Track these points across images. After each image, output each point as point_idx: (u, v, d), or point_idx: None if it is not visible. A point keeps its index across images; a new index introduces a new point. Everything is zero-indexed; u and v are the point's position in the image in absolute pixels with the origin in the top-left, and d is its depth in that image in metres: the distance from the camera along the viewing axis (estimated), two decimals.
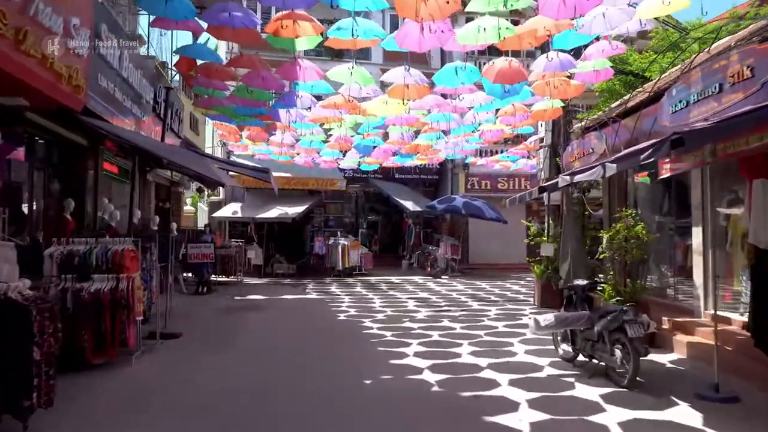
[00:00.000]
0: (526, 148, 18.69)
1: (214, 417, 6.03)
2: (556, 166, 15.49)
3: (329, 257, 22.27)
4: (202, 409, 6.29)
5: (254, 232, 23.61)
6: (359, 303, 15.07)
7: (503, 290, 18.41)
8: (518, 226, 25.35)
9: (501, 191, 25.91)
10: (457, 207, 22.04)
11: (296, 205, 22.70)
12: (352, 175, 25.48)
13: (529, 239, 16.13)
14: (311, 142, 17.40)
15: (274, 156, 20.34)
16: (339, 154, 19.31)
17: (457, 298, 16.49)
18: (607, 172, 6.89)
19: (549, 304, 14.39)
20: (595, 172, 7.26)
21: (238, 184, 23.31)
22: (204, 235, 17.15)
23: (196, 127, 19.47)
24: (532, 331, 7.95)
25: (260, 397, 6.73)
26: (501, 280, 21.50)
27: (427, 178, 27.12)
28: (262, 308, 14.12)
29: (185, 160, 10.12)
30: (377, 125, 14.34)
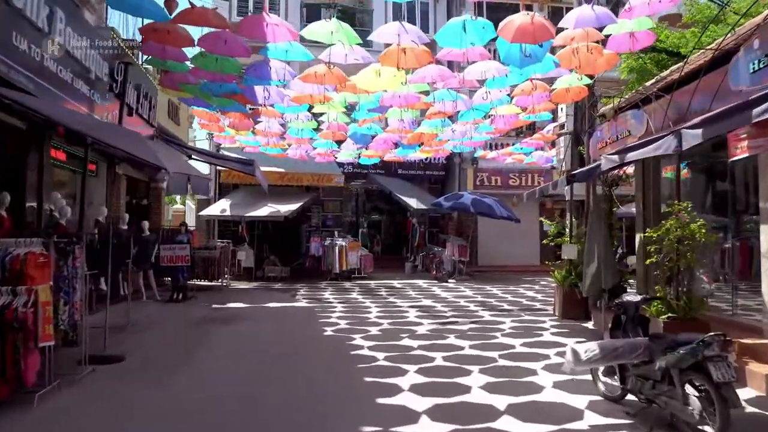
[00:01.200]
0: (543, 138, 16.56)
1: None
2: (579, 156, 13.38)
3: (325, 259, 20.21)
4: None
5: (246, 231, 21.59)
6: (353, 313, 13.00)
7: (517, 296, 16.30)
8: (531, 225, 23.29)
9: (512, 188, 23.79)
10: (466, 204, 19.95)
11: (290, 203, 20.65)
12: (351, 171, 23.41)
13: (548, 239, 14.00)
14: (301, 131, 15.35)
15: (264, 149, 18.31)
16: (334, 146, 17.25)
17: (465, 306, 14.38)
18: (686, 143, 4.79)
19: (572, 314, 12.33)
20: (662, 145, 5.17)
21: (227, 179, 21.39)
22: (179, 234, 15.12)
23: (176, 116, 17.48)
24: (570, 367, 5.80)
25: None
26: (513, 284, 19.36)
27: (433, 174, 24.99)
28: (239, 319, 12.07)
29: (117, 139, 8.05)
30: (372, 107, 12.23)
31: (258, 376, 7.66)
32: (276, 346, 9.57)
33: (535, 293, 17.13)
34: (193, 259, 15.60)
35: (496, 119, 14.45)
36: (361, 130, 14.78)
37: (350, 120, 14.55)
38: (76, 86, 9.73)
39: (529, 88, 11.23)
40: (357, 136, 15.52)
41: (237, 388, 6.99)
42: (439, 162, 24.40)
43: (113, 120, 11.54)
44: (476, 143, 17.91)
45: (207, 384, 7.24)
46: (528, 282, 20.11)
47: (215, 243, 18.65)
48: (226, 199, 21.59)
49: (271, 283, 19.30)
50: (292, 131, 15.42)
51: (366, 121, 14.05)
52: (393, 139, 16.12)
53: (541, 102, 12.14)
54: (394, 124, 14.28)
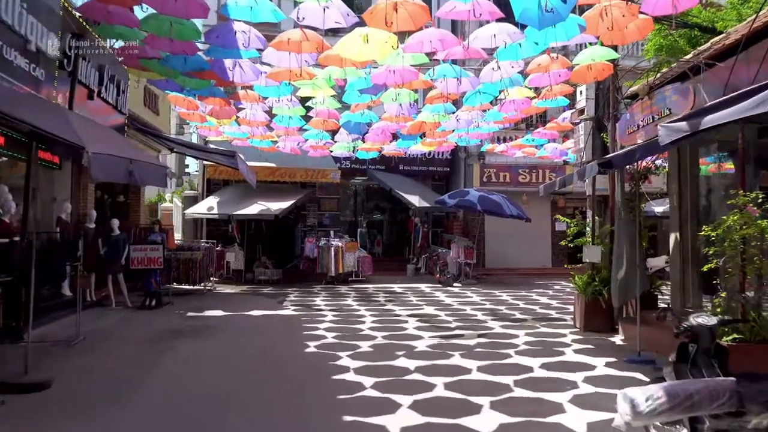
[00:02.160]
0: (558, 128, 14.84)
1: None
2: (602, 145, 11.69)
3: (320, 261, 18.55)
4: None
5: (236, 231, 19.97)
6: (343, 323, 11.35)
7: (529, 303, 14.60)
8: (542, 225, 21.60)
9: (522, 184, 22.09)
10: (472, 202, 18.24)
11: (283, 200, 19.00)
12: (349, 167, 21.74)
13: (567, 240, 12.30)
14: (289, 119, 13.70)
15: (253, 141, 16.69)
16: (327, 137, 15.59)
17: (472, 315, 12.71)
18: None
19: (595, 326, 10.65)
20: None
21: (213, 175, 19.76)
22: (151, 234, 13.48)
23: (154, 105, 15.86)
24: (627, 420, 4.05)
25: None
26: (524, 289, 17.65)
27: (436, 171, 23.29)
28: (211, 332, 10.43)
29: (17, 109, 6.35)
30: (364, 88, 10.54)
31: (212, 410, 6.00)
32: (241, 370, 7.89)
33: (549, 299, 15.42)
34: (169, 261, 14.00)
35: (505, 104, 12.78)
36: (354, 117, 13.11)
37: (341, 106, 12.87)
38: (9, 56, 8.10)
39: (546, 63, 9.54)
40: (351, 125, 13.85)
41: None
42: (443, 157, 22.71)
43: (63, 103, 9.91)
44: (483, 135, 16.22)
45: (137, 424, 5.59)
46: (540, 287, 18.39)
47: (199, 243, 17.05)
48: (215, 196, 19.97)
49: (260, 286, 17.65)
50: (279, 120, 13.78)
51: (359, 107, 12.37)
52: (391, 129, 14.45)
53: (558, 81, 10.44)
54: (392, 110, 12.61)
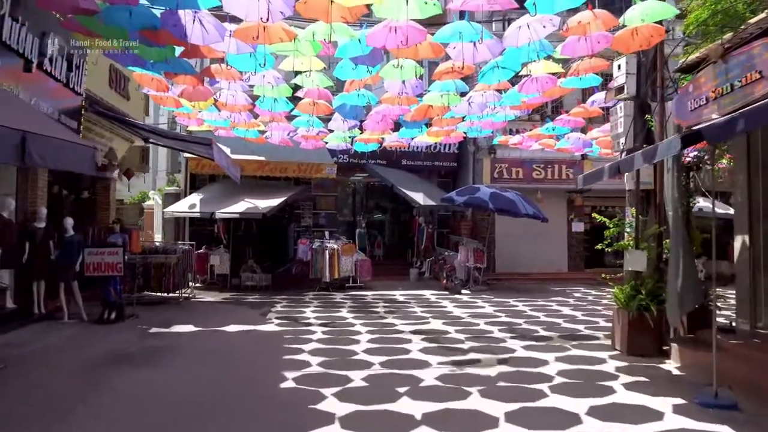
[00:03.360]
0: (584, 113, 12.77)
1: None
2: (645, 129, 9.67)
3: (313, 265, 16.55)
4: None
5: (223, 232, 17.98)
6: (334, 343, 9.35)
7: (551, 315, 12.59)
8: (557, 225, 19.55)
9: (536, 181, 20.06)
10: (483, 200, 16.23)
11: (273, 198, 17.01)
12: (346, 161, 19.72)
13: (604, 244, 10.23)
14: (274, 102, 11.68)
15: (239, 131, 14.66)
16: (319, 124, 13.54)
17: (487, 331, 10.70)
18: None
19: (641, 349, 8.68)
20: None
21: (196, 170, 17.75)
22: (110, 235, 11.50)
23: (123, 88, 13.85)
24: None
25: None
26: (541, 296, 15.64)
27: (442, 166, 21.19)
28: (168, 356, 8.43)
29: None
30: (358, 56, 8.46)
31: None
32: (181, 419, 5.88)
33: (572, 310, 13.40)
34: (133, 266, 12.02)
35: (526, 84, 10.76)
36: (350, 98, 11.08)
37: (333, 84, 10.82)
38: None
39: (588, 20, 7.51)
40: (346, 108, 11.81)
41: None
42: (450, 151, 20.66)
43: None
44: (496, 125, 14.19)
45: None
46: (558, 294, 16.38)
47: (176, 246, 15.05)
48: (198, 193, 17.99)
49: (246, 294, 15.63)
50: (263, 103, 11.76)
51: (354, 85, 10.33)
52: (393, 114, 12.41)
53: (596, 50, 8.41)
54: (393, 88, 10.57)
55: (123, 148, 15.01)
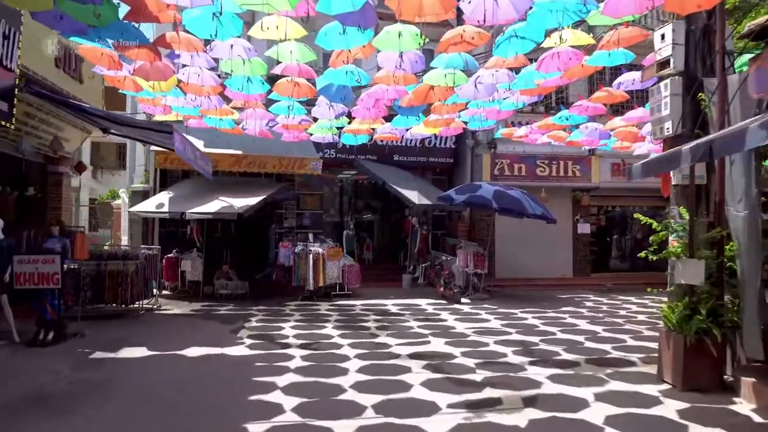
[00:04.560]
0: (607, 98, 10.93)
1: None
2: (696, 110, 7.89)
3: (295, 271, 14.65)
4: None
5: (197, 234, 16.05)
6: (315, 374, 7.48)
7: (567, 331, 10.80)
8: (562, 227, 17.69)
9: (540, 178, 18.26)
10: (485, 198, 14.41)
11: (251, 196, 15.09)
12: (333, 156, 17.83)
13: (649, 251, 8.37)
14: (248, 83, 9.79)
15: (210, 121, 12.78)
16: (301, 110, 11.66)
17: (500, 354, 8.87)
18: None
19: (701, 383, 6.88)
20: None
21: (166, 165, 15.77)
22: (48, 239, 9.55)
23: (73, 68, 11.87)
24: None
25: None
26: (550, 306, 13.86)
27: (438, 162, 19.28)
28: (106, 393, 6.54)
29: None
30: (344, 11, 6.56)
31: None
32: None
33: (590, 324, 11.62)
34: (78, 276, 10.08)
35: (546, 60, 8.98)
36: (337, 77, 9.21)
37: (316, 59, 8.94)
38: None
39: None
40: (332, 90, 9.94)
41: None
42: (447, 146, 18.80)
43: None
44: (503, 114, 12.39)
45: None
46: (567, 303, 14.61)
47: (138, 250, 13.11)
48: (169, 190, 16.00)
49: (219, 304, 13.70)
50: (233, 83, 9.87)
51: (342, 58, 8.45)
52: (387, 98, 10.55)
53: (647, 6, 6.63)
54: (389, 63, 8.71)
55: (77, 138, 13.03)
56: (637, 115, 11.55)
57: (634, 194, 19.41)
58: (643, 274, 19.54)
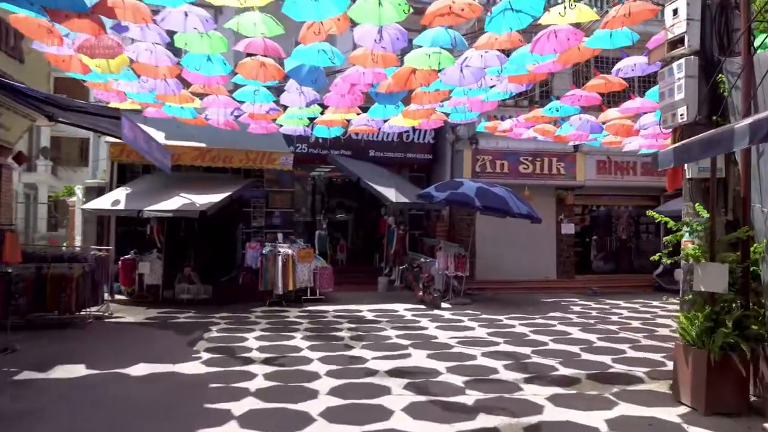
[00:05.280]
0: (604, 86, 9.93)
1: None
2: (713, 93, 6.94)
3: (263, 274, 13.48)
4: None
5: (157, 234, 14.75)
6: (278, 398, 6.35)
7: (560, 339, 9.83)
8: (545, 227, 16.69)
9: (523, 176, 17.30)
10: (468, 196, 13.42)
11: (216, 192, 13.86)
12: (305, 151, 16.67)
13: (664, 253, 7.37)
14: (207, 63, 8.61)
15: (170, 110, 11.57)
16: (269, 97, 10.50)
17: (490, 369, 7.83)
18: None
19: (727, 406, 5.92)
20: None
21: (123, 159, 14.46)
22: None
23: (15, 48, 10.59)
24: None
25: None
26: (535, 311, 12.94)
27: (416, 158, 18.17)
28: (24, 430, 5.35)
29: None
30: None
31: None
32: None
33: (582, 332, 10.66)
34: (9, 281, 8.80)
35: (541, 40, 7.98)
36: (308, 56, 8.09)
37: (284, 32, 7.81)
38: None
39: None
40: (303, 72, 8.79)
41: None
42: (425, 141, 17.75)
43: None
44: (488, 105, 11.38)
45: None
46: (553, 308, 13.68)
47: (87, 252, 11.83)
48: (126, 186, 14.69)
49: (179, 310, 12.43)
50: (190, 62, 8.67)
51: (313, 31, 7.32)
52: (363, 83, 9.43)
53: None
54: (366, 40, 7.62)
55: (19, 126, 11.69)
56: (635, 106, 10.60)
57: (619, 193, 18.64)
58: (629, 276, 18.88)
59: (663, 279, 17.26)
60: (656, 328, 11.26)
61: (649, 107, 10.59)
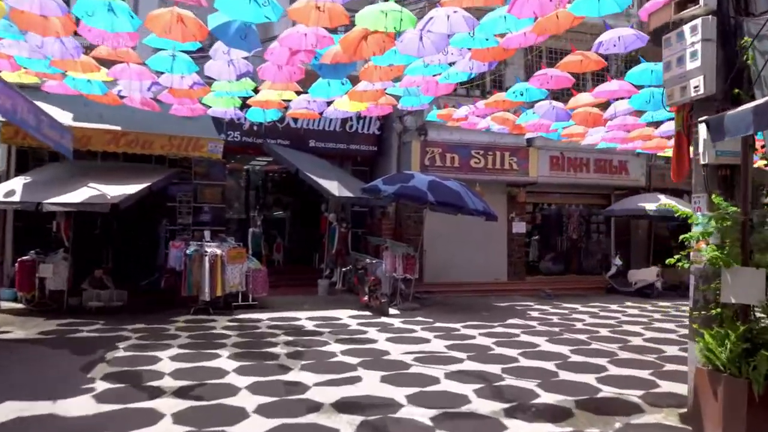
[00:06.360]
0: (581, 65, 8.48)
1: None
2: (728, 59, 5.62)
3: (187, 278, 11.56)
4: None
5: (64, 231, 12.57)
6: None
7: (529, 353, 8.43)
8: (496, 225, 15.15)
9: (475, 171, 15.90)
10: (420, 190, 11.93)
11: (132, 183, 11.82)
12: (238, 139, 14.74)
13: (683, 255, 5.93)
14: (108, 13, 6.71)
15: (74, 82, 9.53)
16: (192, 67, 8.64)
17: (459, 395, 6.29)
18: None
19: None
20: None
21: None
22: None
23: None
24: None
25: None
26: (492, 317, 11.61)
27: (360, 151, 16.40)
28: None
29: None
30: None
31: None
32: None
33: (550, 342, 9.33)
34: None
35: (517, 2, 6.51)
36: (235, 8, 6.33)
37: None
38: None
39: None
40: (230, 30, 7.00)
41: None
42: (370, 131, 16.09)
43: None
44: (442, 89, 9.86)
45: None
46: (510, 313, 12.38)
47: None
48: (27, 175, 12.41)
49: (87, 320, 10.34)
50: (81, 6, 6.75)
51: None
52: (305, 49, 7.73)
53: None
54: None
55: None
56: (611, 89, 9.27)
57: (571, 191, 17.54)
58: (579, 277, 17.81)
59: (616, 281, 16.29)
60: (627, 336, 10.02)
61: (626, 92, 9.30)
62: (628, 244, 17.93)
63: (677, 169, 6.24)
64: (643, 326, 11.10)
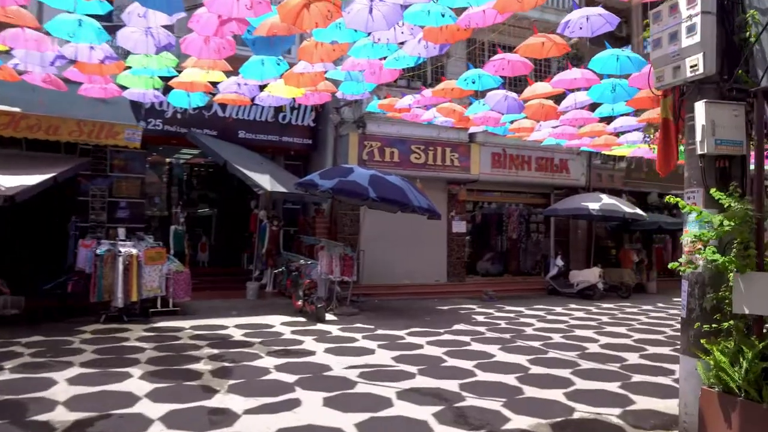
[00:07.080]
0: (542, 50, 7.63)
1: None
2: (728, 42, 4.89)
3: (97, 281, 10.06)
4: None
5: None
6: None
7: (482, 363, 7.55)
8: (435, 224, 14.27)
9: (415, 166, 14.99)
10: (360, 185, 10.89)
11: (34, 173, 10.19)
12: (160, 128, 13.24)
13: (683, 261, 5.13)
14: None
15: None
16: (100, 35, 7.25)
17: (417, 422, 5.29)
18: None
19: None
20: None
21: None
22: None
23: None
24: None
25: None
26: (438, 323, 10.71)
27: (293, 143, 15.07)
28: None
29: None
30: None
31: None
32: None
33: (504, 351, 8.49)
34: None
35: None
36: None
37: None
38: None
39: None
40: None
41: None
42: (305, 123, 14.88)
43: None
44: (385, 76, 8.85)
45: None
46: (453, 316, 11.60)
47: None
48: None
49: None
50: None
51: None
52: (236, 16, 6.54)
53: None
54: None
55: None
56: (572, 77, 8.51)
57: (512, 189, 16.97)
58: (518, 278, 17.25)
59: (556, 282, 15.79)
60: (582, 343, 9.33)
61: (586, 80, 8.56)
62: (567, 244, 17.52)
63: (664, 160, 5.47)
64: (595, 331, 10.47)
